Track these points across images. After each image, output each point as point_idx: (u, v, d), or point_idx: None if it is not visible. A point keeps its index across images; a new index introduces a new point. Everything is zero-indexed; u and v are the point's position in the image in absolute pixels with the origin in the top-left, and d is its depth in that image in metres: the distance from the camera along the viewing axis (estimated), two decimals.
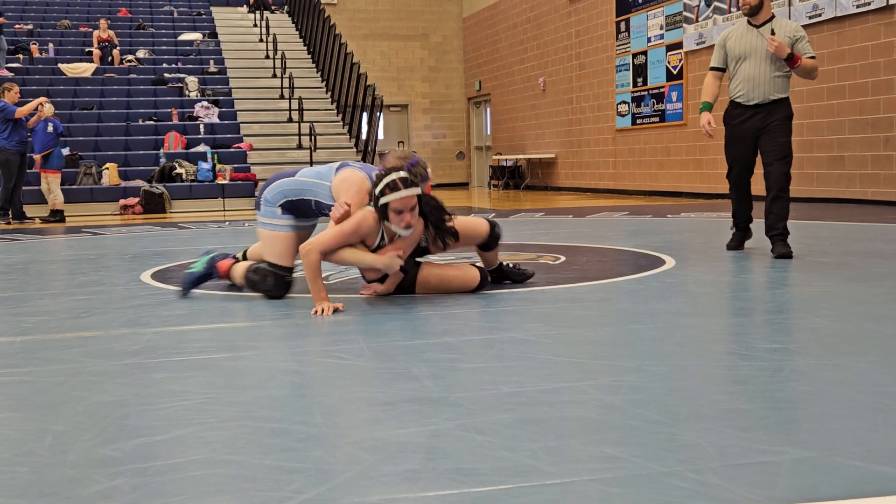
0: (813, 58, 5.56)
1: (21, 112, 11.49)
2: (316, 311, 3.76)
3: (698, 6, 13.02)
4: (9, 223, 11.66)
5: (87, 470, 1.88)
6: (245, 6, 20.33)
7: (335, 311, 3.78)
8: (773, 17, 5.70)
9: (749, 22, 5.73)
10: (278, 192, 4.19)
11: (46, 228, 10.74)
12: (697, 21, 13.08)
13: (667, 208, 10.96)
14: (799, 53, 5.52)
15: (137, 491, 1.75)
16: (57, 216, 11.93)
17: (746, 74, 5.62)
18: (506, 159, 19.10)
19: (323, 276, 4.32)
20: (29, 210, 12.21)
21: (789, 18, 11.16)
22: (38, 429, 2.21)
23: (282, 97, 16.46)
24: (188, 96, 16.20)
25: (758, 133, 5.64)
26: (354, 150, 15.40)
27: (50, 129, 11.95)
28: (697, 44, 13.07)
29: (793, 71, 5.54)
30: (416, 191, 3.83)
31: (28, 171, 12.11)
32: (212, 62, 17.41)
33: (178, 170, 13.94)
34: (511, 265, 4.63)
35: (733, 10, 12.26)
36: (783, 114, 5.59)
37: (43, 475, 1.86)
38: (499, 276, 4.54)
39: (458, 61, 22.31)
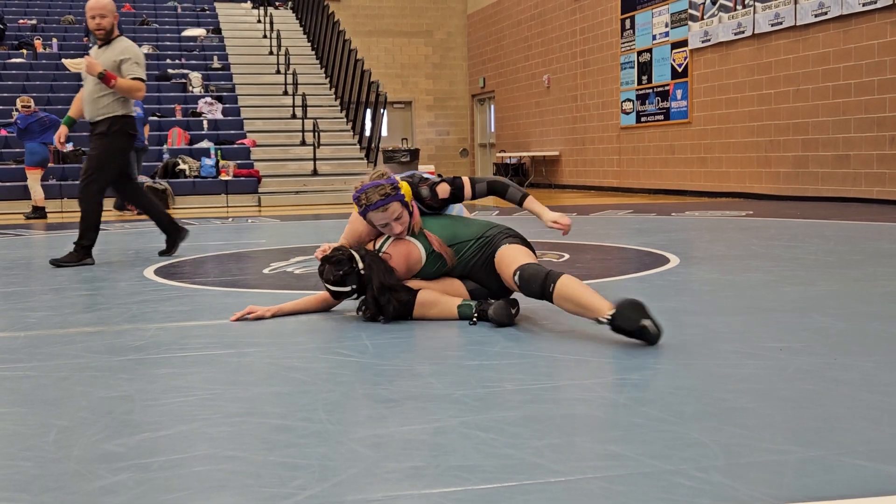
0: (134, 79, 5.80)
1: None
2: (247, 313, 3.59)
3: (704, 4, 13.00)
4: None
5: (91, 465, 1.88)
6: (249, 2, 20.32)
7: (258, 317, 3.58)
8: (116, 38, 5.93)
9: (99, 45, 6.00)
10: None
11: (46, 224, 10.74)
12: (703, 19, 13.05)
13: (671, 206, 10.95)
14: (123, 74, 5.78)
15: (141, 486, 1.75)
16: (37, 213, 11.84)
17: (83, 94, 5.96)
18: (510, 157, 19.08)
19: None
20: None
21: (795, 17, 11.16)
22: (42, 424, 2.21)
23: (285, 93, 16.45)
24: (192, 92, 16.19)
25: None
26: (358, 146, 15.40)
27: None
28: (703, 41, 13.04)
29: (115, 90, 5.80)
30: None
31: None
32: (215, 58, 17.40)
33: (182, 166, 13.93)
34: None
35: (738, 7, 12.24)
36: (100, 131, 5.84)
37: (47, 470, 1.86)
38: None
39: (463, 58, 22.29)
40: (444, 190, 3.59)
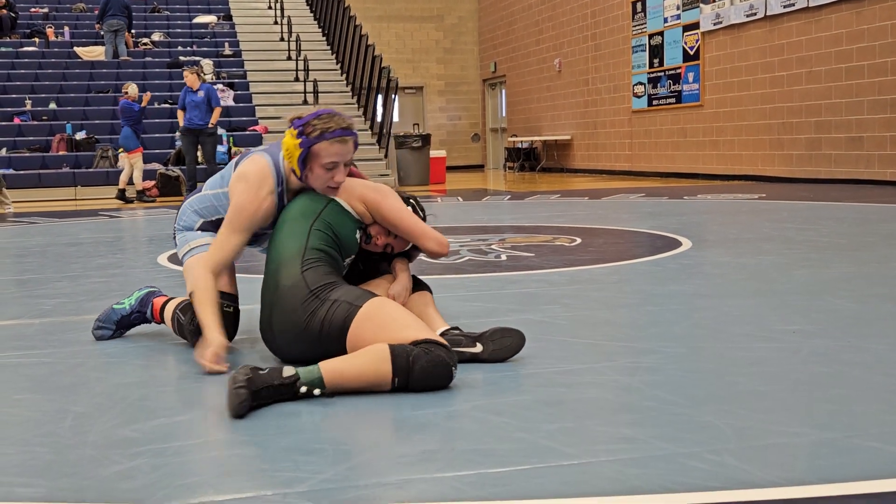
0: None
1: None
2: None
3: None
4: None
5: (106, 450, 1.90)
6: None
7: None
8: None
9: None
10: (190, 213, 3.04)
11: (64, 212, 10.79)
12: (715, 1, 12.96)
13: (683, 190, 10.91)
14: None
15: (157, 471, 1.76)
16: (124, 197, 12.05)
17: None
18: (521, 141, 19.03)
19: None
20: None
21: None
22: (58, 410, 2.23)
23: (297, 80, 16.43)
24: (203, 79, 16.18)
25: None
26: (370, 132, 15.38)
27: None
28: (714, 24, 12.96)
29: None
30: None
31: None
32: (227, 45, 17.39)
33: None
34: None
35: None
36: None
37: (63, 456, 1.88)
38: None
39: (474, 43, 22.21)
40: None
